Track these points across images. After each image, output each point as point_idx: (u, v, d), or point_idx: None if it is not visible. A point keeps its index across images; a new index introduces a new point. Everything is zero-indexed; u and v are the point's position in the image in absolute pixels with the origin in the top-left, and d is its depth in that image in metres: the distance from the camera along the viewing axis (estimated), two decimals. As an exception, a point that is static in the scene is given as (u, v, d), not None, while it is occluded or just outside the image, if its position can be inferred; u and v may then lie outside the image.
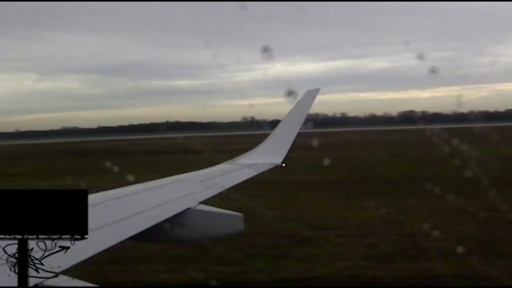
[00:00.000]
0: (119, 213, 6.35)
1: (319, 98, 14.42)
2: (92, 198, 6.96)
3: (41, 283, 3.88)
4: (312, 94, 14.25)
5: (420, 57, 11.24)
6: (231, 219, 7.42)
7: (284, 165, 12.60)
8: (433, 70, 10.91)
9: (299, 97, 14.29)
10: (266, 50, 9.49)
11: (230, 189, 9.44)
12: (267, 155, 12.77)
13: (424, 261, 16.15)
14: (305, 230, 20.48)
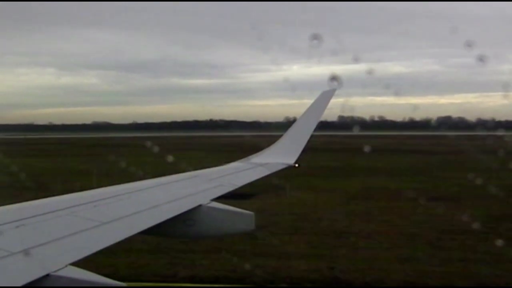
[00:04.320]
0: (133, 207, 6.41)
1: (336, 100, 14.23)
2: (107, 191, 7.03)
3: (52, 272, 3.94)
4: (328, 94, 14.17)
5: (471, 46, 10.42)
6: (243, 218, 7.43)
7: (297, 165, 12.56)
8: (481, 59, 10.37)
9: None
10: (316, 37, 9.26)
11: (242, 187, 9.44)
12: (281, 155, 12.75)
13: None
14: None
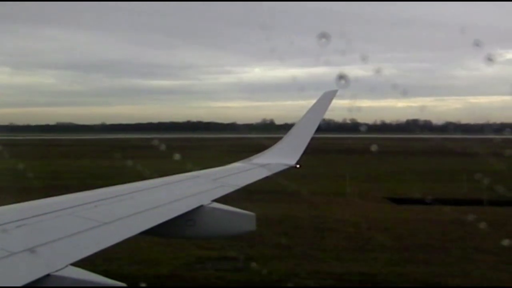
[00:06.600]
0: (134, 207, 6.41)
1: (298, 103, 13.97)
2: (108, 191, 7.03)
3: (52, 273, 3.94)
4: (329, 95, 14.15)
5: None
6: (244, 218, 7.43)
7: (298, 166, 12.56)
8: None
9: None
10: (324, 35, 9.08)
11: (244, 188, 9.43)
12: (282, 156, 12.75)
13: None
14: None
